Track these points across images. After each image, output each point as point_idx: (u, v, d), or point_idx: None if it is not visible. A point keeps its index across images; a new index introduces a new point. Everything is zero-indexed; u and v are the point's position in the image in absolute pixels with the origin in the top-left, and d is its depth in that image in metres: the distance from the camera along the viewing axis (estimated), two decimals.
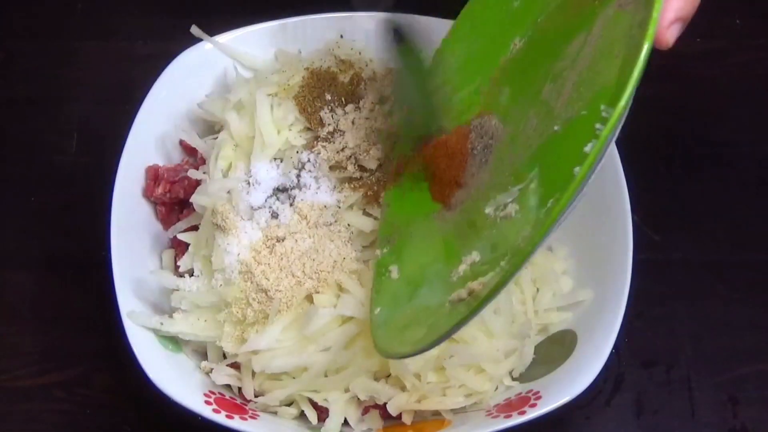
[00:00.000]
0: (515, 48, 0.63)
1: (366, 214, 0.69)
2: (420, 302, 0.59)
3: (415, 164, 0.67)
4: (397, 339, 0.58)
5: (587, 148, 0.47)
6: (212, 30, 0.75)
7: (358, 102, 0.72)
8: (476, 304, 0.50)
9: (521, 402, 0.64)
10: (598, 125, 0.47)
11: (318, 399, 0.65)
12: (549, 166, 0.52)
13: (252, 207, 0.68)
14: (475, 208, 0.58)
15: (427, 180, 0.66)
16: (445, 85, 0.69)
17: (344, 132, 0.71)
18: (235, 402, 0.65)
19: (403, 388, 0.65)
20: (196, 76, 0.76)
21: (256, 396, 0.65)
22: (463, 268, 0.56)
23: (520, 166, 0.55)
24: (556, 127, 0.52)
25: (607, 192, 0.69)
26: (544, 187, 0.51)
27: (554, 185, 0.49)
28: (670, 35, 0.50)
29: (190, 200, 0.70)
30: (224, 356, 0.67)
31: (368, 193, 0.69)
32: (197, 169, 0.72)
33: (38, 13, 0.93)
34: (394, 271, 0.63)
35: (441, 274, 0.59)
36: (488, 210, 0.56)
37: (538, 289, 0.70)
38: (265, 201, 0.69)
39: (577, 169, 0.47)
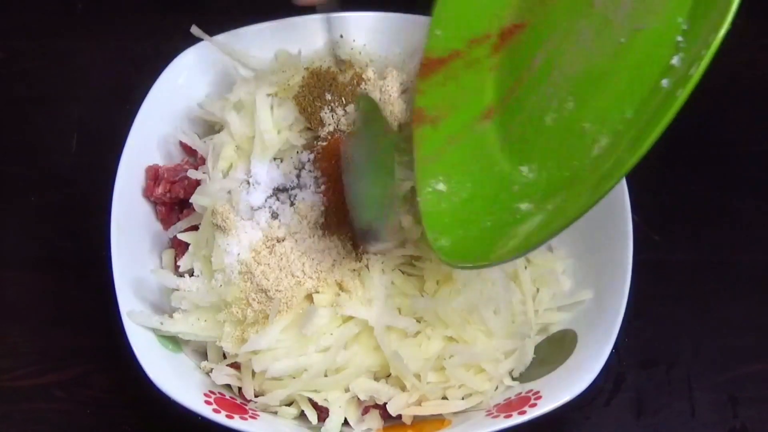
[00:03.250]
0: None
1: None
2: (483, 211, 0.60)
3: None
4: (472, 250, 0.59)
5: (675, 61, 0.48)
6: (212, 30, 0.75)
7: None
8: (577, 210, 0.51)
9: (521, 402, 0.64)
10: (679, 38, 0.48)
11: (318, 399, 0.65)
12: (620, 77, 0.52)
13: (252, 207, 0.68)
14: (530, 117, 0.59)
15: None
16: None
17: (344, 132, 0.71)
18: (235, 402, 0.65)
19: (403, 388, 0.65)
20: (196, 76, 0.76)
21: (256, 396, 0.65)
22: (528, 176, 0.58)
23: (580, 76, 0.56)
24: (622, 39, 0.53)
25: None
26: (618, 97, 0.52)
27: (632, 95, 0.50)
28: None
29: (190, 200, 0.70)
30: (224, 356, 0.67)
31: None
32: (197, 169, 0.72)
33: (38, 13, 0.93)
34: (440, 185, 0.64)
35: (498, 183, 0.60)
36: (548, 119, 0.57)
37: (538, 289, 0.70)
38: (265, 201, 0.69)
39: (665, 81, 0.48)
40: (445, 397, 0.66)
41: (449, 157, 0.65)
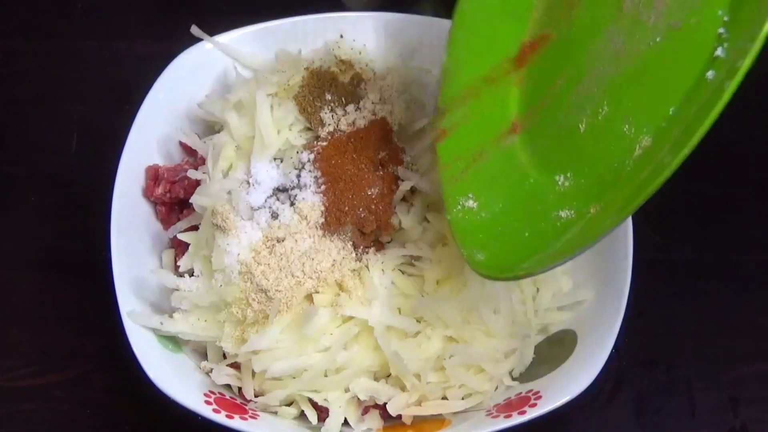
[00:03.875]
0: None
1: None
2: (519, 223, 0.60)
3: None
4: (512, 261, 0.58)
5: (719, 52, 0.48)
6: (212, 30, 0.75)
7: (359, 102, 0.72)
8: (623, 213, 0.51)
9: (521, 402, 0.64)
10: (720, 30, 0.48)
11: (318, 399, 0.65)
12: (659, 75, 0.52)
13: (252, 207, 0.68)
14: (561, 127, 0.60)
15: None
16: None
17: (344, 132, 0.71)
18: (235, 402, 0.65)
19: (403, 388, 0.65)
20: (196, 76, 0.76)
21: (256, 396, 0.65)
22: (564, 184, 0.58)
23: (614, 80, 0.56)
24: (658, 39, 0.53)
25: None
26: (658, 95, 0.52)
27: (674, 91, 0.50)
28: None
29: (190, 200, 0.70)
30: (224, 356, 0.67)
31: None
32: (197, 169, 0.72)
33: (38, 13, 0.93)
34: (470, 201, 0.64)
35: (531, 194, 0.60)
36: (581, 127, 0.57)
37: (538, 289, 0.70)
38: (265, 201, 0.69)
39: (711, 73, 0.48)
40: (445, 397, 0.66)
41: (477, 174, 0.65)
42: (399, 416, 0.66)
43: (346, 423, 0.65)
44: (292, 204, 0.68)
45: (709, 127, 0.47)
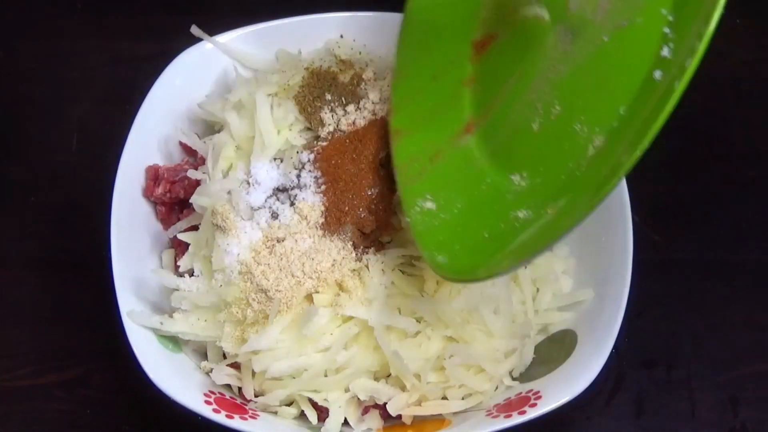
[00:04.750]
0: None
1: None
2: (478, 224, 0.60)
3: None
4: (472, 262, 0.58)
5: (665, 52, 0.48)
6: (212, 30, 0.75)
7: (359, 102, 0.72)
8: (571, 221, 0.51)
9: (521, 402, 0.64)
10: (666, 29, 0.48)
11: (318, 399, 0.65)
12: (607, 74, 0.52)
13: (252, 207, 0.68)
14: (515, 126, 0.59)
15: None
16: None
17: (344, 132, 0.71)
18: (235, 402, 0.65)
19: (403, 388, 0.65)
20: (196, 76, 0.76)
21: (256, 396, 0.65)
22: (520, 184, 0.58)
23: (564, 79, 0.56)
24: (605, 38, 0.53)
25: None
26: (607, 94, 0.52)
27: (623, 90, 0.50)
28: None
29: (190, 200, 0.70)
30: (224, 356, 0.67)
31: None
32: (197, 169, 0.72)
33: (38, 13, 0.93)
34: (428, 203, 0.64)
35: (489, 194, 0.60)
36: (534, 126, 0.57)
37: (538, 289, 0.70)
38: (265, 201, 0.69)
39: (658, 73, 0.48)
40: (445, 397, 0.66)
41: (434, 175, 0.65)
42: (399, 416, 0.66)
43: (346, 423, 0.65)
44: (292, 204, 0.68)
45: (661, 126, 0.46)
